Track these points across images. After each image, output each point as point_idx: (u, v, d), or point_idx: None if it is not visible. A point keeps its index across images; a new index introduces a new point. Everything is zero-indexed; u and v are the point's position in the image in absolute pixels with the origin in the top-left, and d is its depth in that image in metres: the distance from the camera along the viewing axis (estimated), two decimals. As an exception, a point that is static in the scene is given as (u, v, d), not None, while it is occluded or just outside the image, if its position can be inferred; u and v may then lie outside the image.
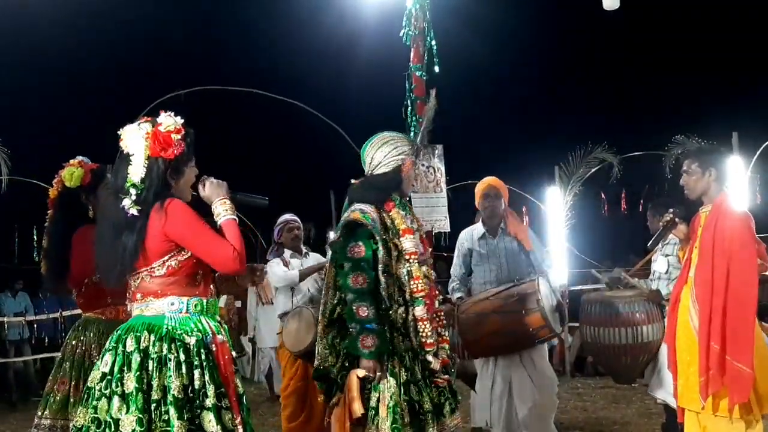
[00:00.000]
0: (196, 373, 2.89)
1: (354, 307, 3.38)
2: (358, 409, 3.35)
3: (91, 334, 3.99)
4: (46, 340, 11.24)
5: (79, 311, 4.36)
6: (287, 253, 5.84)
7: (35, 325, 11.12)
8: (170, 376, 2.85)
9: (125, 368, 2.85)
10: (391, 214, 3.60)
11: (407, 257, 3.54)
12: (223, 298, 6.73)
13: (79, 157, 4.15)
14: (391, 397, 3.36)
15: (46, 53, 14.54)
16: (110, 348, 2.94)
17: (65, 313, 10.02)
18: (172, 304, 2.97)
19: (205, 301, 3.04)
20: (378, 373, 3.38)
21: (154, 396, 2.82)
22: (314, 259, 5.99)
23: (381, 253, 3.45)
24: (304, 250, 6.00)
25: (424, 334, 3.50)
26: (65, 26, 13.26)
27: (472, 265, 5.60)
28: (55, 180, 4.17)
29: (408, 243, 3.56)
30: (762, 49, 15.29)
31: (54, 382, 3.97)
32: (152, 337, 2.90)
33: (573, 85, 18.25)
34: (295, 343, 5.39)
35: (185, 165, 3.05)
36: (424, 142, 3.97)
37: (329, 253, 3.76)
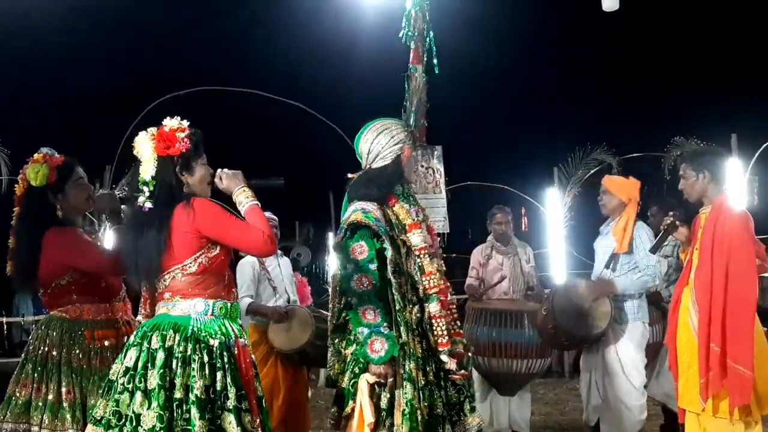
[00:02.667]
0: (219, 374, 2.97)
1: (360, 311, 3.20)
2: (369, 416, 3.18)
3: (54, 334, 3.73)
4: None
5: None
6: None
7: (33, 326, 11.15)
8: (194, 376, 2.92)
9: (149, 365, 2.93)
10: (395, 209, 3.44)
11: (417, 253, 3.39)
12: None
13: (44, 150, 3.87)
14: (407, 403, 3.18)
15: (46, 53, 14.55)
16: (135, 344, 3.02)
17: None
18: (198, 305, 3.07)
19: (229, 304, 3.16)
20: (389, 379, 3.20)
21: (177, 395, 2.89)
22: (286, 263, 5.87)
23: (389, 252, 3.26)
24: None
25: (438, 333, 3.34)
26: (66, 26, 13.27)
27: None
28: (20, 176, 3.86)
29: (416, 238, 3.40)
30: (761, 51, 15.30)
31: (16, 384, 3.71)
32: (177, 337, 2.98)
33: (572, 87, 18.25)
34: (287, 341, 5.24)
35: (195, 161, 3.17)
36: (418, 125, 3.79)
37: (330, 254, 3.68)
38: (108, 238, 4.08)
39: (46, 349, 3.71)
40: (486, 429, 6.10)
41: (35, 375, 3.67)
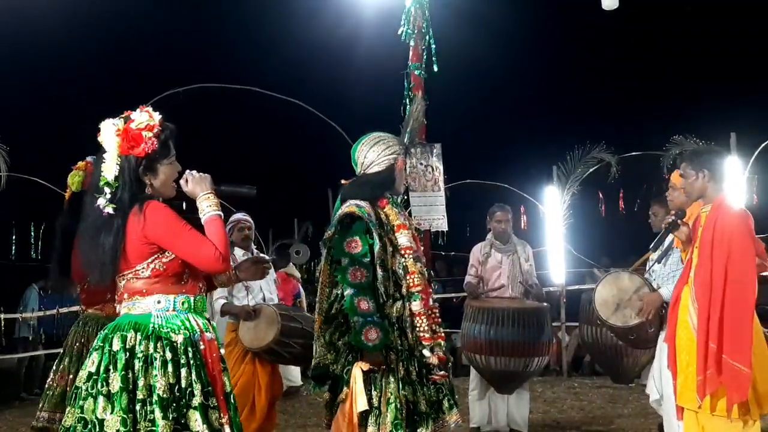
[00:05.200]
0: (183, 371, 2.87)
1: (355, 301, 3.42)
2: (362, 403, 3.39)
3: (90, 330, 4.13)
4: (43, 338, 11.22)
5: (76, 308, 4.48)
6: (238, 251, 5.66)
7: (35, 321, 11.10)
8: (156, 375, 2.82)
9: (111, 368, 2.83)
10: (385, 210, 3.67)
11: (402, 252, 3.59)
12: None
13: (89, 158, 4.18)
14: (390, 393, 3.42)
15: (45, 51, 14.51)
16: (97, 347, 2.92)
17: (62, 310, 9.99)
18: (159, 302, 2.94)
19: (192, 298, 3.01)
20: (382, 366, 3.44)
21: (140, 396, 2.80)
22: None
23: (377, 247, 3.50)
24: (254, 250, 5.89)
25: (421, 329, 3.54)
26: (64, 24, 13.24)
27: None
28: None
29: (403, 238, 3.61)
30: (761, 50, 15.30)
31: (55, 376, 4.13)
32: (138, 336, 2.87)
33: (571, 85, 18.23)
34: (254, 339, 5.31)
35: (160, 162, 2.97)
36: (412, 143, 4.03)
37: (324, 250, 3.74)
38: None
39: (82, 343, 4.12)
40: (484, 427, 6.14)
41: (72, 367, 4.08)
